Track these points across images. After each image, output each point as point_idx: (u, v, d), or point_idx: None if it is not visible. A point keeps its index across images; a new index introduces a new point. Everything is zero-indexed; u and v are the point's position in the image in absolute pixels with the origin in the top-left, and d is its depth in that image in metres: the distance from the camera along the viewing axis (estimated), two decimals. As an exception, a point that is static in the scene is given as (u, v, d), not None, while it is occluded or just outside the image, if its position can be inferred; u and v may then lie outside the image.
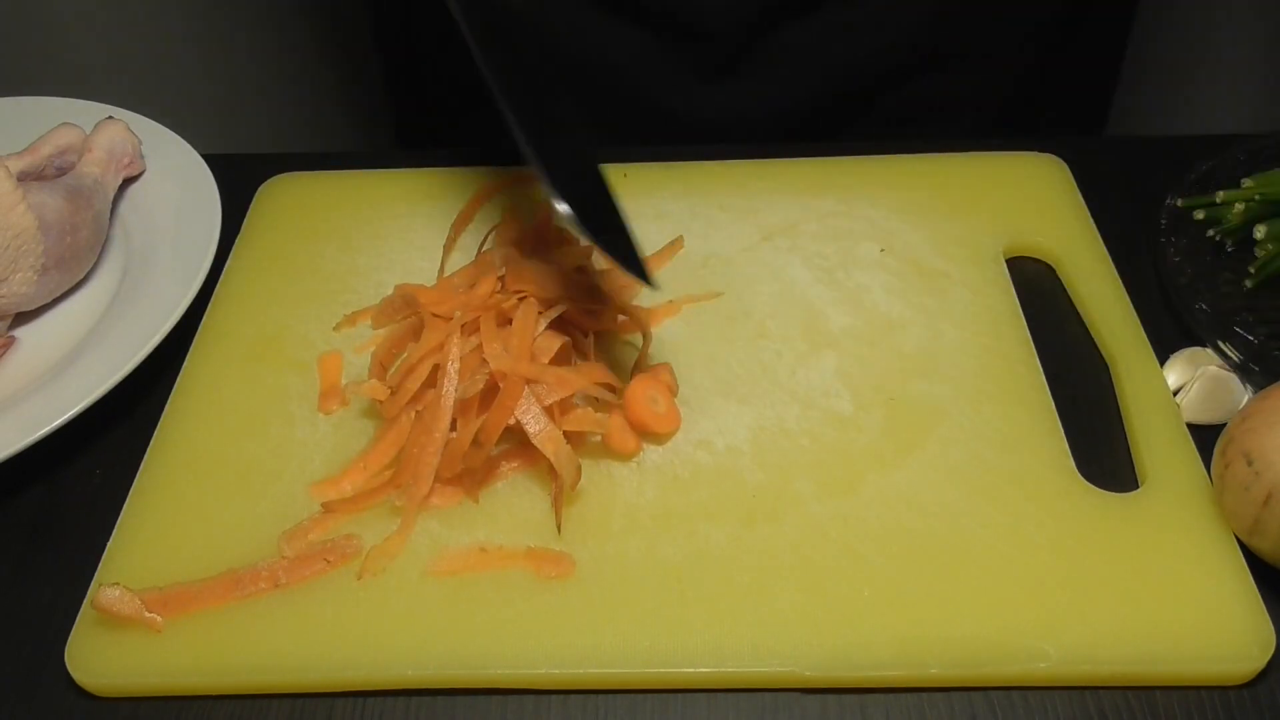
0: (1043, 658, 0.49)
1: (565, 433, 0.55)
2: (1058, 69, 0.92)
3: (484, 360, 0.55)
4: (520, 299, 0.59)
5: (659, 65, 0.76)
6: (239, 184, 0.75)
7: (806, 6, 0.77)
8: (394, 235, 0.71)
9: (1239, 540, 0.52)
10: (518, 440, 0.55)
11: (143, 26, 1.42)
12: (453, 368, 0.56)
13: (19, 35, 1.24)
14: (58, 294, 0.68)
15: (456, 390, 0.55)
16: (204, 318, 0.66)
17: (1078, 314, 0.65)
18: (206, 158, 0.75)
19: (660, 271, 0.67)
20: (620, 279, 0.65)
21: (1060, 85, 0.95)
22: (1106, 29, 0.94)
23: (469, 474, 0.55)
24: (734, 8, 0.77)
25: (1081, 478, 0.56)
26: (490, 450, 0.54)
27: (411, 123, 1.03)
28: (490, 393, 0.55)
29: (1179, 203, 0.69)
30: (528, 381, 0.55)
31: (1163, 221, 0.68)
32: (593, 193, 0.56)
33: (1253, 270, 0.65)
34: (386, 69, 0.98)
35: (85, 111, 0.77)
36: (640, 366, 0.60)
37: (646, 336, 0.61)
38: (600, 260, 0.66)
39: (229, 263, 0.70)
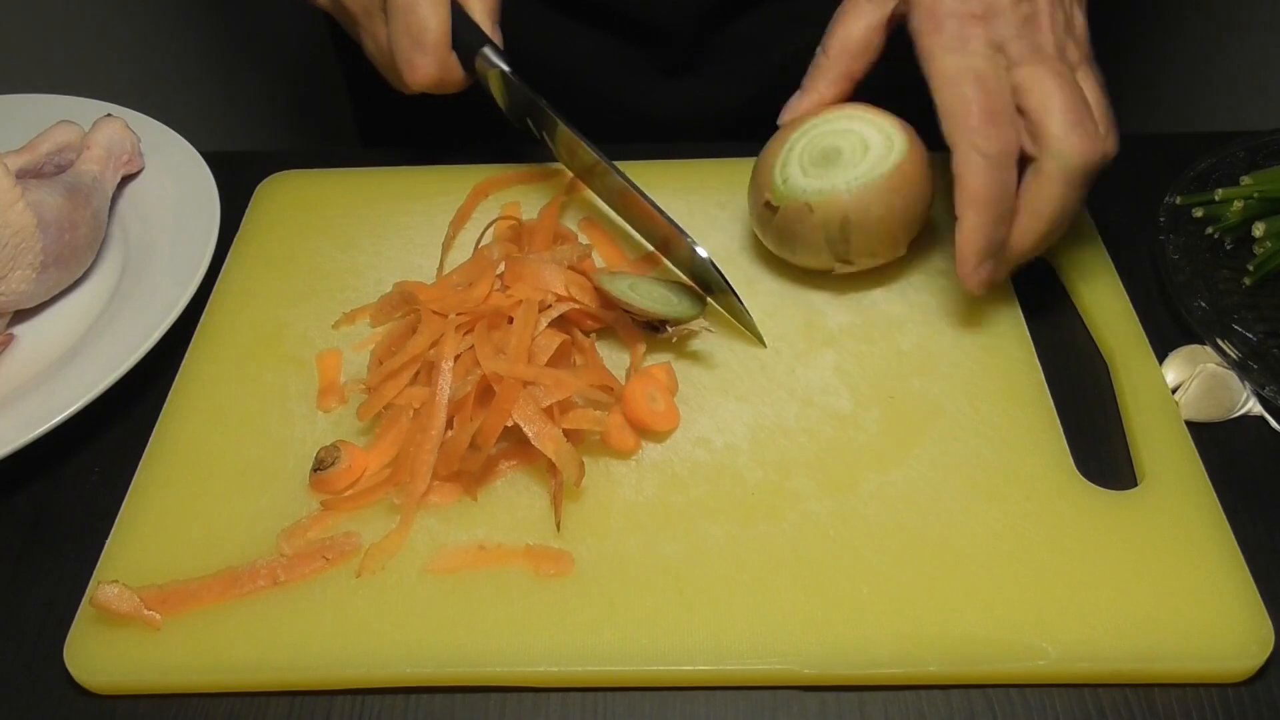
0: (1041, 655, 0.49)
1: (564, 430, 0.55)
2: None
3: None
4: (518, 300, 0.59)
5: (620, 65, 0.78)
6: (238, 181, 0.75)
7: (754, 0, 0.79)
8: (393, 233, 0.71)
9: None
10: (516, 438, 0.55)
11: (141, 23, 1.42)
12: (447, 366, 0.56)
13: (17, 33, 1.24)
14: (56, 292, 0.68)
15: (451, 389, 0.55)
16: (203, 315, 0.66)
17: (1076, 312, 0.66)
18: (205, 155, 0.75)
19: (657, 270, 0.67)
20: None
21: None
22: None
23: (467, 472, 0.55)
24: (683, 6, 0.78)
25: (1080, 475, 0.56)
26: (488, 453, 0.54)
27: (374, 124, 1.03)
28: (489, 393, 0.55)
29: (1178, 200, 0.69)
30: (525, 383, 0.55)
31: (1161, 219, 0.68)
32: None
33: (1251, 268, 0.65)
34: (345, 70, 0.98)
35: (84, 109, 0.77)
36: (639, 365, 0.60)
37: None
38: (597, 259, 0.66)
39: (228, 260, 0.70)
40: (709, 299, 0.63)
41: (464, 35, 0.66)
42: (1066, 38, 0.59)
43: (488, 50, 0.66)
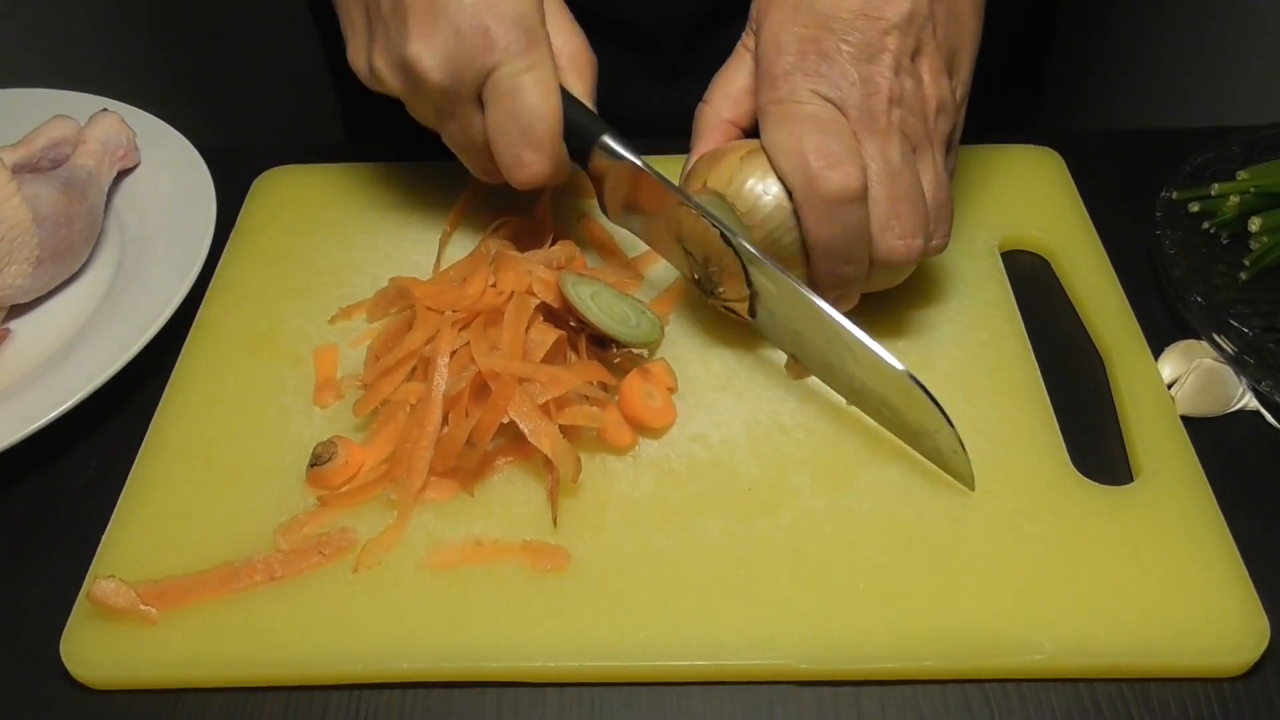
0: (1037, 650, 0.49)
1: (560, 426, 0.55)
2: (1019, 61, 0.93)
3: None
4: (508, 295, 0.59)
5: (609, 71, 0.78)
6: (234, 176, 0.75)
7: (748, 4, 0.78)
8: (390, 229, 0.71)
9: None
10: (513, 434, 0.55)
11: (138, 18, 1.42)
12: (442, 362, 0.56)
13: (13, 27, 1.23)
14: (52, 286, 0.68)
15: (446, 385, 0.55)
16: (199, 310, 0.66)
17: (1073, 307, 0.66)
18: (202, 150, 0.75)
19: (655, 267, 0.67)
20: (611, 276, 0.65)
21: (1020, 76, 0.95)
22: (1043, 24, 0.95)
23: (464, 468, 0.55)
24: (676, 12, 0.78)
25: (1076, 471, 0.56)
26: (484, 449, 0.54)
27: (361, 116, 1.02)
28: (485, 389, 0.55)
29: (1174, 195, 0.69)
30: (521, 380, 0.55)
31: (1158, 214, 0.68)
32: None
33: (1248, 262, 0.65)
34: (331, 65, 0.98)
35: (80, 103, 0.77)
36: (636, 361, 0.60)
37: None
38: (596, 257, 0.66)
39: (224, 255, 0.70)
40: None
41: (576, 120, 0.60)
42: (909, 114, 0.55)
43: (609, 139, 0.60)
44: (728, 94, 0.61)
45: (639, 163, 0.59)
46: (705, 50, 0.81)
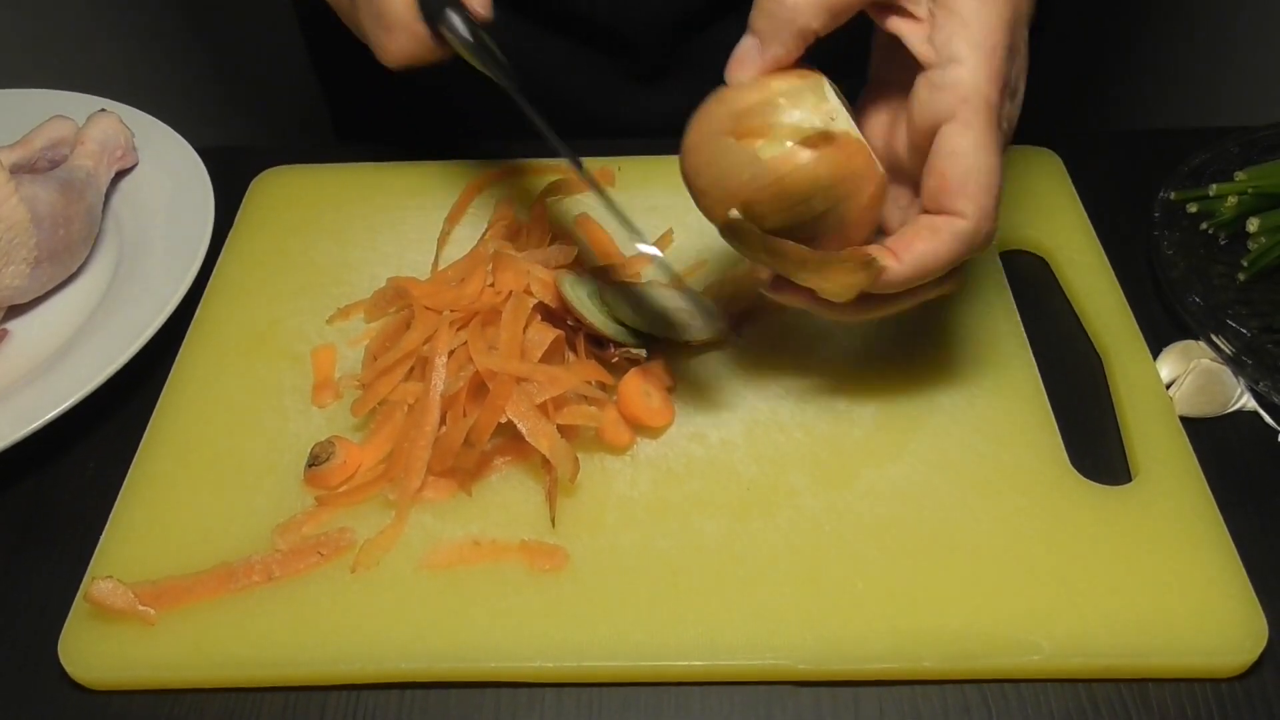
0: (1036, 650, 0.49)
1: (558, 426, 0.55)
2: None
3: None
4: (505, 294, 0.59)
5: (592, 74, 0.77)
6: (232, 177, 0.74)
7: (726, 8, 0.78)
8: (387, 228, 0.71)
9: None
10: (510, 434, 0.55)
11: (136, 18, 1.42)
12: (440, 362, 0.56)
13: (11, 28, 1.23)
14: (50, 287, 0.68)
15: (444, 385, 0.55)
16: (197, 311, 0.66)
17: (1071, 307, 0.66)
18: (200, 151, 0.74)
19: (652, 268, 0.67)
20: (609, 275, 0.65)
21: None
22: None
23: (462, 468, 0.55)
24: (653, 16, 0.78)
25: (1075, 471, 0.56)
26: (482, 449, 0.54)
27: (348, 118, 1.02)
28: (483, 389, 0.55)
29: (1172, 196, 0.69)
30: (518, 380, 0.55)
31: (1156, 214, 0.68)
32: None
33: (1245, 263, 0.65)
34: (316, 66, 0.98)
35: (78, 104, 0.76)
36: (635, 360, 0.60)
37: (640, 330, 0.61)
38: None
39: (222, 256, 0.70)
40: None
41: (430, 2, 0.61)
42: (1015, 110, 0.52)
43: (451, 14, 0.60)
44: (826, 5, 0.51)
45: (470, 38, 0.60)
46: (684, 54, 0.81)
